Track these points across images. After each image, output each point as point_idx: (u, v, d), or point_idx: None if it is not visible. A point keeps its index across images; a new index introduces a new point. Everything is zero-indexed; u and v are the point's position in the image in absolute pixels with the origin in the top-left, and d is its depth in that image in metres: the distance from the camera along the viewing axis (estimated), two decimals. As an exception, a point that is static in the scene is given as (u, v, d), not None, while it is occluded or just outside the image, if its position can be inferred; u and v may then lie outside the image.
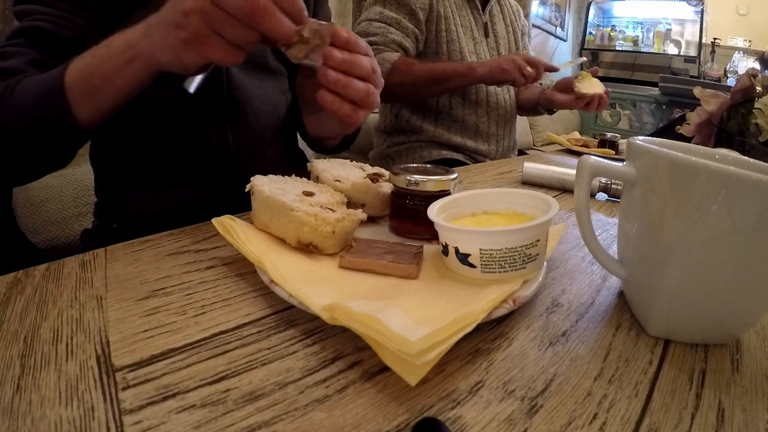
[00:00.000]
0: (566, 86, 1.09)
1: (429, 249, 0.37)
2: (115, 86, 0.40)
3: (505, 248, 0.30)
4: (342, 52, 0.37)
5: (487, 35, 1.15)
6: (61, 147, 0.44)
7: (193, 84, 0.38)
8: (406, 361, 0.23)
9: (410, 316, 0.26)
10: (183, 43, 0.34)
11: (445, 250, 0.33)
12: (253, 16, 0.32)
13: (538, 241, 0.31)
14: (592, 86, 1.04)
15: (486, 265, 0.31)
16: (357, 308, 0.26)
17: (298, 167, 0.68)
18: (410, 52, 1.04)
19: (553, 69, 1.04)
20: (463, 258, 0.31)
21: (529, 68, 0.98)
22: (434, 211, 0.35)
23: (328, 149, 0.69)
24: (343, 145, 0.68)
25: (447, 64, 1.02)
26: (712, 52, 3.42)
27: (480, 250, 0.31)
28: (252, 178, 0.38)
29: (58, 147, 0.43)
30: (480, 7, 1.13)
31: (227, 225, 0.35)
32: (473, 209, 0.38)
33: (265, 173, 0.40)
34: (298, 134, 0.74)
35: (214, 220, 0.36)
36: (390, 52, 1.01)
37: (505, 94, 1.15)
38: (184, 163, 0.55)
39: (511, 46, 1.21)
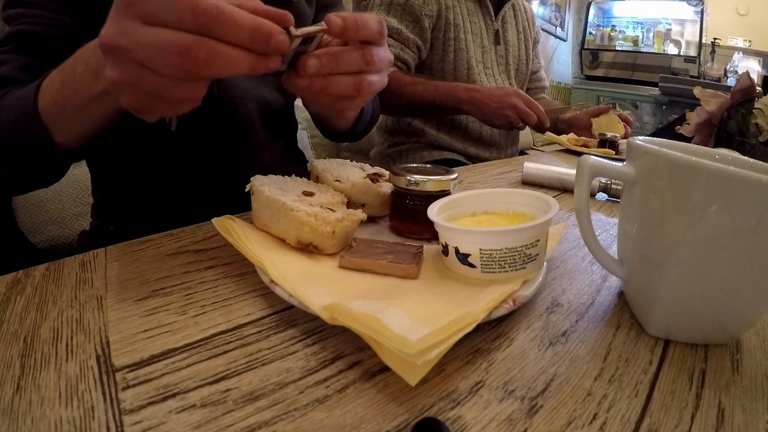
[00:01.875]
0: (586, 124, 1.08)
1: (429, 249, 0.37)
2: (90, 117, 0.37)
3: (505, 248, 0.30)
4: (318, 58, 0.32)
5: (497, 43, 1.12)
6: (49, 166, 0.42)
7: (172, 123, 0.35)
8: (406, 361, 0.23)
9: (410, 316, 0.26)
10: (132, 110, 0.29)
11: (445, 250, 0.33)
12: (197, 69, 0.26)
13: (538, 241, 0.31)
14: (610, 127, 1.01)
15: (486, 265, 0.31)
16: (357, 308, 0.26)
17: (297, 167, 0.67)
18: (410, 64, 1.02)
19: (544, 126, 0.99)
20: (463, 258, 0.31)
21: (521, 124, 0.94)
22: (434, 211, 0.35)
23: (343, 131, 0.64)
24: (356, 132, 0.65)
25: (437, 91, 0.96)
26: (712, 52, 3.43)
27: (480, 250, 0.31)
28: (252, 178, 0.38)
29: (44, 166, 0.42)
30: (492, 13, 1.09)
31: (227, 225, 0.35)
32: (473, 209, 0.38)
33: (262, 174, 0.40)
34: (298, 134, 0.73)
35: (214, 220, 0.36)
36: None
37: None
38: (179, 165, 0.55)
39: (521, 55, 1.18)
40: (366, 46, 0.33)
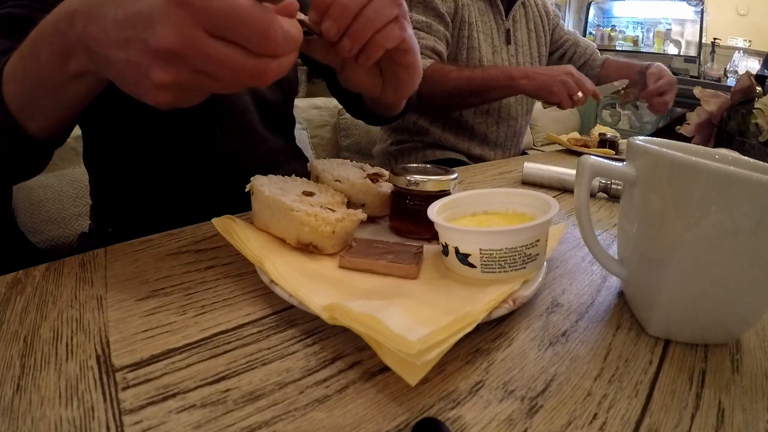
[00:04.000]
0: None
1: (429, 249, 0.37)
2: (64, 101, 0.34)
3: (506, 248, 0.30)
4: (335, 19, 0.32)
5: (508, 42, 1.11)
6: (24, 156, 0.39)
7: None
8: (406, 361, 0.23)
9: (410, 316, 0.26)
10: (159, 105, 0.27)
11: (445, 250, 0.33)
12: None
13: (538, 241, 0.31)
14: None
15: (486, 265, 0.31)
16: (357, 308, 0.26)
17: (296, 163, 0.67)
18: (443, 57, 1.00)
19: (597, 97, 0.97)
20: (463, 258, 0.31)
21: (579, 93, 0.91)
22: (434, 211, 0.35)
23: (394, 113, 0.62)
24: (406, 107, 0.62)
25: (486, 73, 0.95)
26: (712, 52, 3.42)
27: (480, 250, 0.31)
28: (252, 178, 0.38)
29: (19, 156, 0.38)
30: (503, 13, 1.09)
31: (227, 225, 0.35)
32: (473, 209, 0.38)
33: (261, 172, 0.40)
34: (297, 134, 0.73)
35: (214, 221, 0.36)
36: (423, 59, 0.96)
37: (518, 105, 1.12)
38: (177, 165, 0.55)
39: (533, 53, 1.17)
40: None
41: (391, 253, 0.35)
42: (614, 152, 0.99)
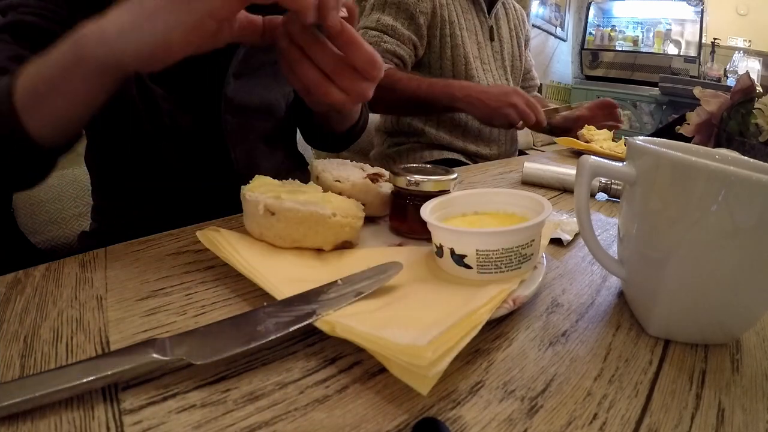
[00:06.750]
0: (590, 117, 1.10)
1: (422, 250, 0.37)
2: (65, 95, 0.34)
3: (502, 249, 0.30)
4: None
5: (492, 39, 1.14)
6: (21, 163, 0.38)
7: None
8: (416, 371, 0.22)
9: (415, 327, 0.25)
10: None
11: (439, 252, 0.33)
12: None
13: (533, 241, 0.31)
14: (600, 135, 1.02)
15: (482, 266, 0.31)
16: (358, 326, 0.25)
17: (299, 177, 0.67)
18: (406, 60, 1.02)
19: (541, 126, 0.98)
20: (459, 259, 0.31)
21: (520, 123, 0.94)
22: (427, 211, 0.35)
23: (334, 142, 0.68)
24: (349, 139, 0.68)
25: (431, 88, 0.96)
26: (712, 52, 3.43)
27: (477, 251, 0.30)
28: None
29: (16, 162, 0.37)
30: (486, 10, 1.12)
31: (210, 237, 0.34)
32: (464, 210, 0.38)
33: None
34: (297, 136, 0.73)
35: (199, 234, 0.35)
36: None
37: None
38: (179, 171, 0.55)
39: (514, 51, 1.20)
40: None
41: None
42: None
